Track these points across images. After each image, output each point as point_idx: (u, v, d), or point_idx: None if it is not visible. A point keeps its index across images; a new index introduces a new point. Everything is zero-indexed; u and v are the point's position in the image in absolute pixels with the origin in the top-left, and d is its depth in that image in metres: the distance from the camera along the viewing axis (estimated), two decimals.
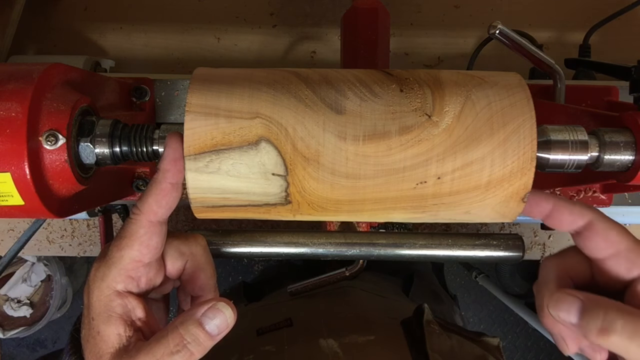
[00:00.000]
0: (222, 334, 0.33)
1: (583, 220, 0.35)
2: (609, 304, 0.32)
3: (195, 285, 0.38)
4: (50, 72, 0.34)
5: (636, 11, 0.65)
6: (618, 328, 0.31)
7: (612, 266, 0.34)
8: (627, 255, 0.34)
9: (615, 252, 0.34)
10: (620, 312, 0.31)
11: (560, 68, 0.45)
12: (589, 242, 0.35)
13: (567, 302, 0.33)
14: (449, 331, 0.58)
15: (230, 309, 0.33)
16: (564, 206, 0.35)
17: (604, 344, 0.31)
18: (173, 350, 0.31)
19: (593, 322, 0.32)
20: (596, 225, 0.34)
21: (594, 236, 0.34)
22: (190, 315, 0.33)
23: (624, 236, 0.34)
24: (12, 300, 1.54)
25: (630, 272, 0.34)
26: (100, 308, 0.33)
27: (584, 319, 0.32)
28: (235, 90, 0.34)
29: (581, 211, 0.35)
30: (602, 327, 0.31)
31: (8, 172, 0.32)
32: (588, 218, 0.35)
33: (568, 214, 0.35)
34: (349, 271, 0.59)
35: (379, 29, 0.50)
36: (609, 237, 0.34)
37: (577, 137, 0.35)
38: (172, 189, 0.34)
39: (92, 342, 0.33)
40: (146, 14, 0.71)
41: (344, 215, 0.36)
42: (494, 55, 0.68)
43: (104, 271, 0.34)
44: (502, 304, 1.72)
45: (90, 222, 0.73)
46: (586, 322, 0.32)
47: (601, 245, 0.34)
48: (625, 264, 0.34)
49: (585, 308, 0.32)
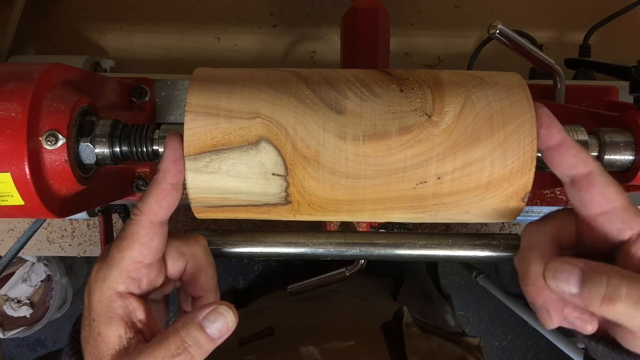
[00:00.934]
0: (223, 337, 0.33)
1: (585, 168, 0.32)
2: (611, 271, 0.30)
3: (196, 286, 0.38)
4: (50, 72, 0.34)
5: (636, 11, 0.65)
6: (623, 295, 0.29)
7: (603, 224, 0.32)
8: (621, 214, 0.31)
9: (610, 209, 0.32)
10: (624, 278, 0.29)
11: (560, 68, 0.45)
12: (585, 193, 0.32)
13: (566, 270, 0.31)
14: (429, 333, 0.58)
15: (231, 312, 0.33)
16: (571, 145, 0.33)
17: (608, 313, 0.29)
18: (174, 353, 0.31)
19: (596, 291, 0.29)
20: (596, 178, 0.32)
21: (592, 188, 0.32)
22: (192, 319, 0.32)
23: (621, 194, 0.32)
24: (12, 300, 1.54)
25: (622, 233, 0.32)
26: (101, 309, 0.33)
27: (585, 287, 0.30)
28: (235, 90, 0.34)
29: (586, 158, 0.32)
30: (606, 295, 0.29)
31: (8, 172, 0.32)
32: (590, 168, 0.32)
33: (572, 155, 0.32)
34: (349, 271, 0.59)
35: (379, 29, 0.50)
36: (607, 193, 0.32)
37: (577, 137, 0.35)
38: (173, 190, 0.34)
39: (93, 344, 0.33)
40: (146, 14, 0.71)
41: (344, 215, 0.36)
42: (494, 55, 0.68)
43: (105, 272, 0.34)
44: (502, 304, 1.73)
45: (90, 222, 0.73)
46: (588, 290, 0.30)
47: (597, 200, 0.32)
48: (618, 223, 0.32)
49: (586, 276, 0.30)
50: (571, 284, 0.30)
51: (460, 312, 1.85)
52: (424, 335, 0.56)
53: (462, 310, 1.86)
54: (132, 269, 0.34)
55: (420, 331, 0.56)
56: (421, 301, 0.80)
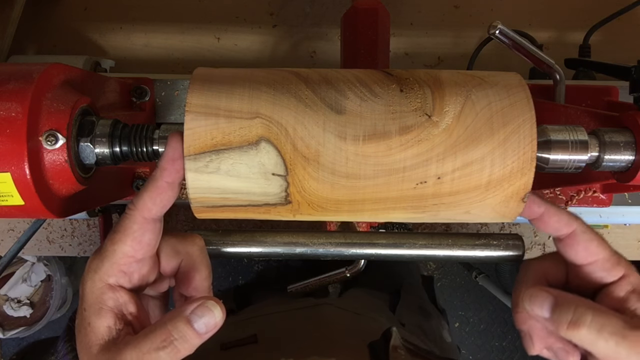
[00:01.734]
0: (209, 333, 0.33)
1: (568, 229, 0.37)
2: (579, 300, 0.35)
3: (189, 286, 0.38)
4: (50, 72, 0.34)
5: (636, 11, 0.65)
6: (587, 321, 0.33)
7: (588, 272, 0.37)
8: (603, 264, 0.37)
9: (593, 261, 0.37)
10: (590, 307, 0.34)
11: (560, 68, 0.45)
12: (570, 249, 0.37)
13: (541, 296, 0.36)
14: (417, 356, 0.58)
15: (219, 307, 0.33)
16: (553, 213, 0.37)
17: (574, 337, 0.34)
18: (159, 346, 0.31)
19: (564, 315, 0.34)
20: (579, 236, 0.37)
21: (576, 245, 0.37)
22: (179, 312, 0.33)
23: (603, 247, 0.37)
24: (12, 300, 1.54)
25: (604, 279, 0.37)
26: (92, 300, 0.34)
27: (555, 312, 0.35)
28: (235, 90, 0.34)
29: (568, 221, 0.37)
30: (572, 320, 0.34)
31: (8, 172, 0.32)
32: (572, 228, 0.37)
33: (556, 221, 0.37)
34: (349, 271, 0.59)
35: (379, 29, 0.50)
36: (590, 248, 0.37)
37: (577, 137, 0.35)
38: (168, 188, 0.34)
39: (83, 333, 0.34)
40: (146, 14, 0.71)
41: (344, 215, 0.36)
42: (494, 55, 0.68)
43: (97, 264, 0.34)
44: (502, 304, 1.73)
45: (90, 222, 0.73)
46: (557, 315, 0.34)
47: (581, 254, 0.37)
48: (600, 272, 0.37)
49: (557, 303, 0.35)
50: (544, 308, 0.35)
51: (460, 312, 1.85)
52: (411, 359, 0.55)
53: (462, 310, 1.86)
54: (123, 263, 0.34)
55: (408, 354, 0.56)
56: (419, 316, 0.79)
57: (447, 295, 1.84)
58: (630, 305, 0.35)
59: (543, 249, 0.73)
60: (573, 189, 0.55)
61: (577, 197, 0.55)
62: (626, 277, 0.37)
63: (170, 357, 0.32)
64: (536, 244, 0.73)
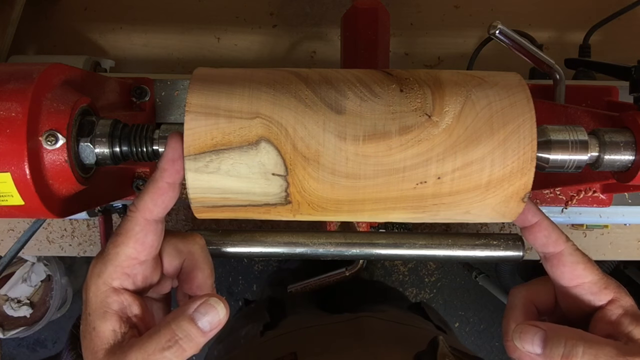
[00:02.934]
0: (214, 331, 0.33)
1: (555, 248, 0.37)
2: (570, 332, 0.34)
3: (192, 285, 0.38)
4: (50, 72, 0.34)
5: (636, 11, 0.65)
6: (579, 353, 0.33)
7: (576, 295, 0.37)
8: (590, 287, 0.36)
9: (580, 284, 0.37)
10: (582, 339, 0.34)
11: (560, 68, 0.45)
12: (556, 270, 0.37)
13: (531, 332, 0.35)
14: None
15: (222, 304, 0.33)
16: (545, 227, 0.37)
17: None
18: (164, 346, 0.31)
19: (556, 350, 0.33)
20: (565, 258, 0.37)
21: (562, 266, 0.37)
22: (183, 311, 0.33)
23: (590, 271, 0.37)
24: (12, 300, 1.54)
25: (593, 303, 0.37)
26: (97, 304, 0.34)
27: (547, 347, 0.34)
28: (235, 90, 0.34)
29: (557, 240, 0.37)
30: (564, 354, 0.33)
31: (8, 172, 0.32)
32: (560, 248, 0.37)
33: (545, 235, 0.37)
34: (349, 271, 0.59)
35: (379, 29, 0.50)
36: (575, 271, 0.37)
37: (577, 137, 0.35)
38: (169, 188, 0.34)
39: (88, 338, 0.33)
40: (146, 14, 0.71)
41: (344, 215, 0.36)
42: (494, 55, 0.68)
43: (101, 267, 0.34)
44: (502, 304, 1.72)
45: (90, 222, 0.73)
46: (549, 350, 0.34)
47: (567, 276, 0.37)
48: (589, 295, 0.37)
49: (548, 337, 0.34)
50: (535, 344, 0.35)
51: (460, 312, 1.85)
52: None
53: (462, 310, 1.86)
54: (126, 265, 0.34)
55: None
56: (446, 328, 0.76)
57: (447, 295, 1.84)
58: (624, 329, 0.35)
59: None
60: (573, 189, 0.55)
61: (577, 197, 0.55)
62: (615, 300, 0.36)
63: (176, 357, 0.32)
64: None
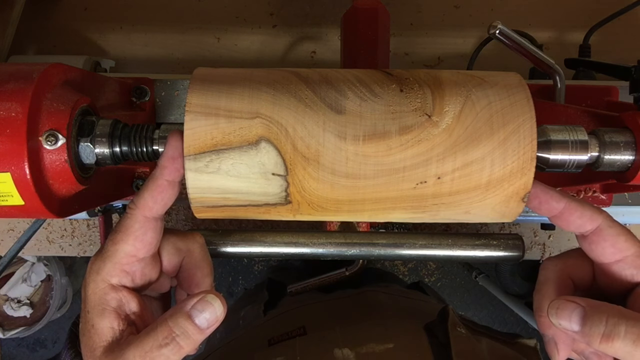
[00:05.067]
0: (211, 328, 0.33)
1: (592, 225, 0.34)
2: (611, 310, 0.32)
3: (191, 283, 0.38)
4: (50, 72, 0.34)
5: (636, 11, 0.65)
6: (621, 333, 0.30)
7: (616, 271, 0.34)
8: (633, 261, 0.34)
9: (622, 258, 0.34)
10: (624, 317, 0.31)
11: (560, 68, 0.45)
12: (596, 246, 0.34)
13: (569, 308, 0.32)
14: (477, 334, 0.54)
15: (219, 301, 0.33)
16: (575, 208, 0.34)
17: (608, 350, 0.31)
18: (162, 343, 0.31)
19: (596, 328, 0.31)
20: (605, 231, 0.34)
21: (602, 242, 0.34)
22: (180, 308, 0.33)
23: (632, 242, 0.34)
24: (12, 300, 1.54)
25: (635, 277, 0.34)
26: (95, 301, 0.34)
27: (586, 325, 0.31)
28: (235, 90, 0.34)
29: (592, 215, 0.34)
30: (605, 333, 0.31)
31: (8, 172, 0.32)
32: (597, 223, 0.34)
33: (578, 216, 0.34)
34: (349, 271, 0.59)
35: (379, 29, 0.50)
36: (617, 244, 0.34)
37: (577, 137, 0.35)
38: (169, 186, 0.34)
39: (87, 336, 0.34)
40: (146, 14, 0.71)
41: (344, 215, 0.36)
42: (494, 55, 0.68)
43: (99, 265, 0.34)
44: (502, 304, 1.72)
45: (90, 222, 0.73)
46: (589, 328, 0.31)
47: (609, 251, 0.34)
48: (631, 269, 0.34)
49: (587, 314, 0.32)
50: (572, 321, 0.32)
51: (460, 312, 1.84)
52: (472, 336, 0.52)
53: (462, 310, 1.86)
54: (125, 262, 0.34)
55: (468, 332, 0.52)
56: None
57: (447, 295, 1.84)
58: None
59: (543, 249, 0.73)
60: (573, 189, 0.55)
61: (577, 197, 0.55)
62: None
63: (174, 354, 0.32)
64: (536, 244, 0.73)
